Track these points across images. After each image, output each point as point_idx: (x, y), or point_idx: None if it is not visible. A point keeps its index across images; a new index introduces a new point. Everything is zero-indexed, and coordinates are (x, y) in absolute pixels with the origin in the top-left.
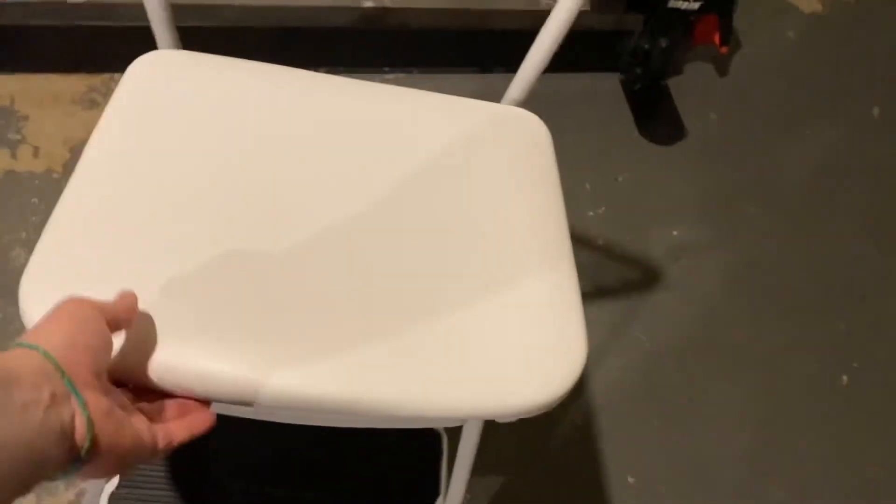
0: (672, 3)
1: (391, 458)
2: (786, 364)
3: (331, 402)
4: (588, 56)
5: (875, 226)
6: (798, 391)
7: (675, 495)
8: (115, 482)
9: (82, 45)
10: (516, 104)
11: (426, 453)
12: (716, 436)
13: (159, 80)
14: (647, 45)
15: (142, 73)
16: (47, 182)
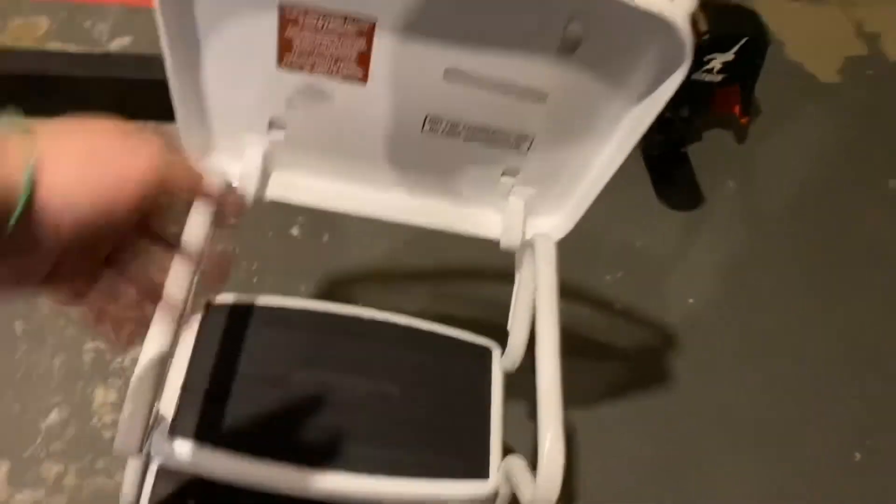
0: (695, 75)
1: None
2: (799, 438)
3: None
4: None
5: (894, 301)
6: (811, 466)
7: None
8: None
9: (120, 94)
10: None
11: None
12: None
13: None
14: (668, 113)
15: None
16: None
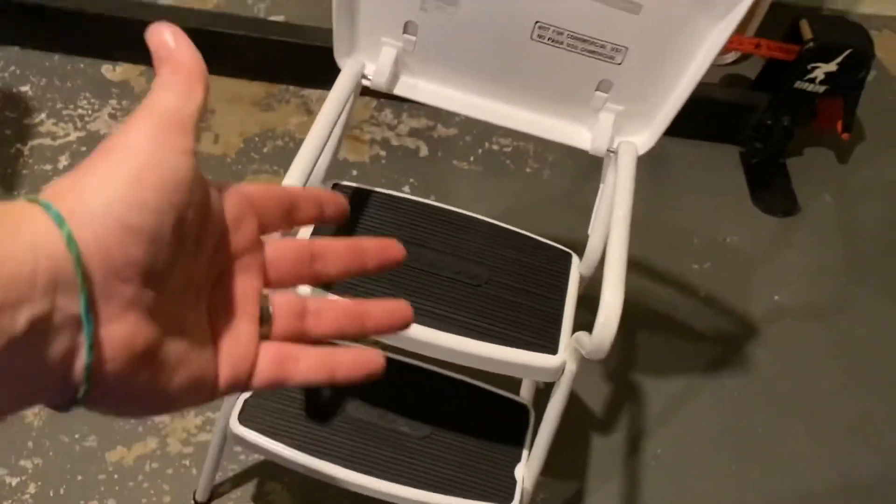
0: (798, 84)
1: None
2: (871, 435)
3: None
4: (712, 126)
5: None
6: (880, 463)
7: None
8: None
9: (270, 56)
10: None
11: (513, 423)
12: (791, 487)
13: None
14: (769, 121)
15: None
16: (221, 164)
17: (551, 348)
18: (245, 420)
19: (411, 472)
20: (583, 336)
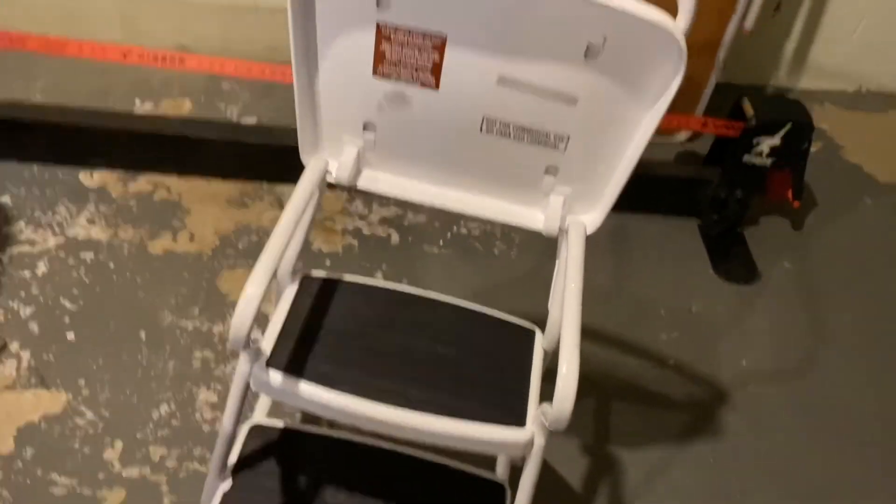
0: (746, 159)
1: None
2: (843, 497)
3: None
4: (669, 201)
5: None
6: None
7: None
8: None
9: (243, 157)
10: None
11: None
12: None
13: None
14: (723, 194)
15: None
16: (198, 261)
17: (519, 422)
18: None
19: None
20: (546, 408)
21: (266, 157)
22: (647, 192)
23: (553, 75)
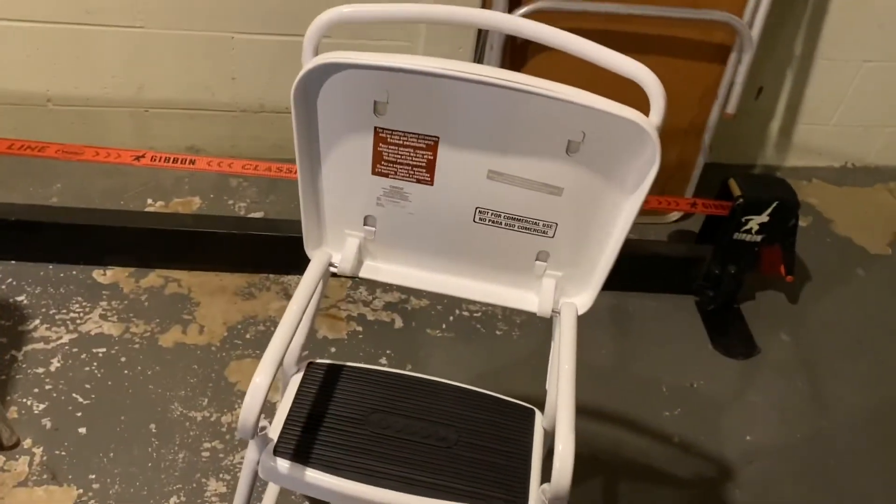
0: (737, 236)
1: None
2: None
3: None
4: (665, 279)
5: None
6: None
7: None
8: None
9: (250, 250)
10: None
11: None
12: None
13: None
14: (717, 270)
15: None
16: (207, 352)
17: (521, 503)
18: (281, 452)
19: None
20: (547, 487)
21: (272, 249)
22: (643, 271)
23: (538, 169)
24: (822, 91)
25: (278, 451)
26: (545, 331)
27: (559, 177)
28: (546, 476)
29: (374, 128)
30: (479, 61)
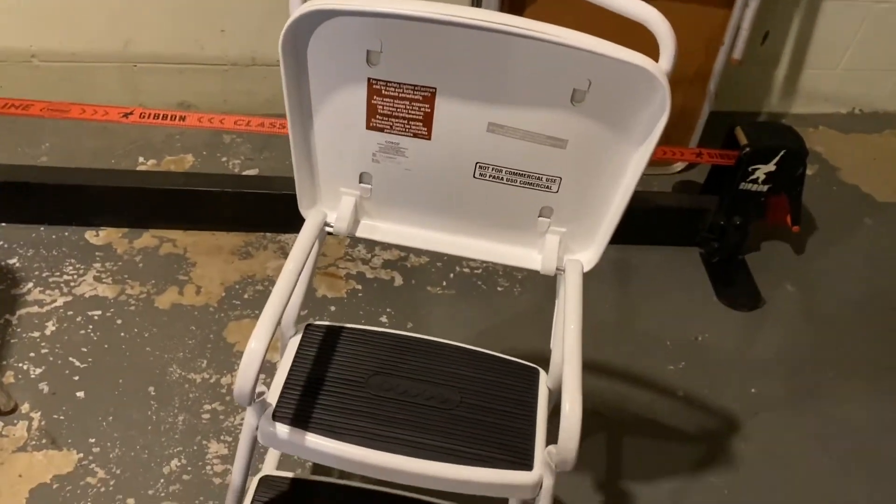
0: (742, 186)
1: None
2: None
3: None
4: (669, 231)
5: None
6: None
7: None
8: None
9: (246, 208)
10: None
11: None
12: None
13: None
14: (722, 221)
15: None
16: (205, 313)
17: (526, 465)
18: (280, 417)
19: None
20: (553, 449)
21: (268, 207)
22: (647, 224)
23: (541, 120)
24: (830, 35)
25: (277, 415)
26: (548, 286)
27: (563, 128)
28: (552, 437)
29: (368, 79)
30: (476, 5)
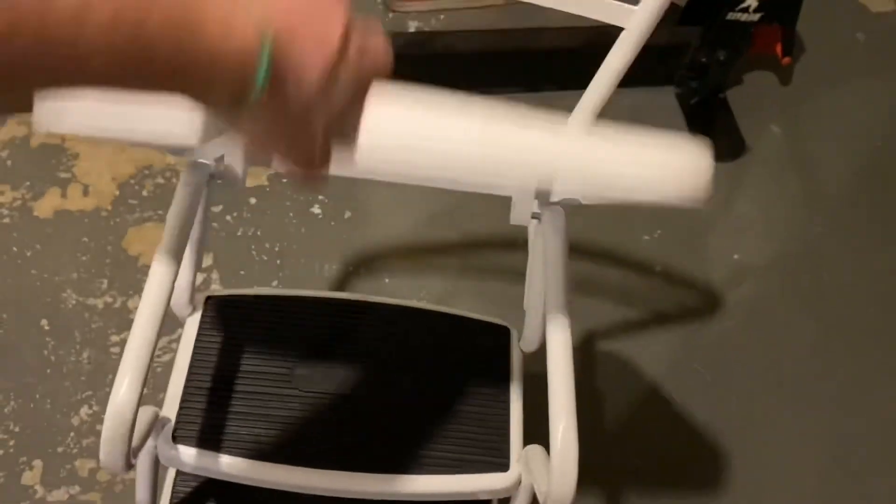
0: (731, 16)
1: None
2: (856, 402)
3: None
4: (641, 70)
5: None
6: (868, 431)
7: None
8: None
9: None
10: None
11: None
12: (779, 480)
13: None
14: (704, 58)
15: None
16: (97, 220)
17: (500, 463)
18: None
19: None
20: (534, 459)
21: None
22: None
23: None
24: None
25: (178, 436)
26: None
27: None
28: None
29: None
30: None
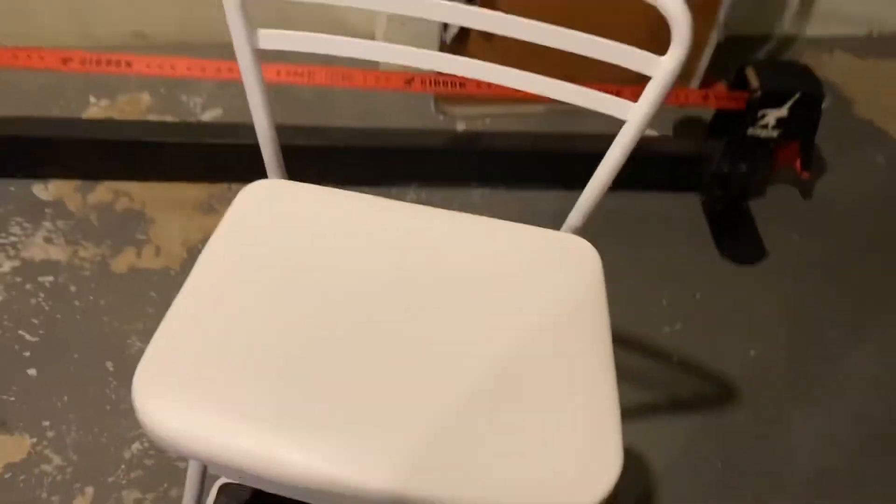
0: (751, 132)
1: None
2: (873, 499)
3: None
4: (670, 178)
5: None
6: None
7: None
8: None
9: (207, 158)
10: (575, 230)
11: None
12: None
13: (264, 207)
14: (726, 168)
15: (250, 200)
16: (165, 278)
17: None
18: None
19: None
20: None
21: (232, 156)
22: (648, 170)
23: None
24: None
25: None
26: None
27: None
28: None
29: None
30: None
